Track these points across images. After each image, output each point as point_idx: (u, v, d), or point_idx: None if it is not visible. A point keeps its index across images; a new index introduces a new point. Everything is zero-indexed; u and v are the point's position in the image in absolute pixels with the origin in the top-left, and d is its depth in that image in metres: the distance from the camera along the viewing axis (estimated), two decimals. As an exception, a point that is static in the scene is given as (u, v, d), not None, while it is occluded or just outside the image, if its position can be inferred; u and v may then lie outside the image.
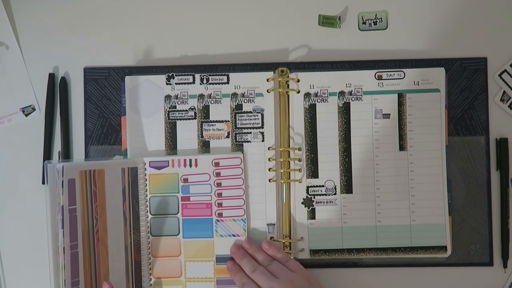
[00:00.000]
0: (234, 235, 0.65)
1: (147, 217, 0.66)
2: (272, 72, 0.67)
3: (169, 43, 0.69)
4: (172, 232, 0.66)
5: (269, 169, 0.66)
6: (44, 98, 0.69)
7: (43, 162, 0.65)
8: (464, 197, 0.66)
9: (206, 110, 0.68)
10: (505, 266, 0.66)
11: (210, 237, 0.65)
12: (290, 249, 0.66)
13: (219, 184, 0.65)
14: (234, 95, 0.67)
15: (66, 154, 0.68)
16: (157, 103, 0.68)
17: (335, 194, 0.66)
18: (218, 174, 0.65)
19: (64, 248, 0.57)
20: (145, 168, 0.66)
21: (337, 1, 0.68)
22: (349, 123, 0.67)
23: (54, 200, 0.58)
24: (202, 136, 0.67)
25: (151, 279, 0.66)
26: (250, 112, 0.67)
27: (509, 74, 0.67)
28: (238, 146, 0.67)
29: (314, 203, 0.66)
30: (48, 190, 0.58)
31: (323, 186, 0.66)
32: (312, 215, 0.66)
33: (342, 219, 0.66)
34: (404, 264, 0.66)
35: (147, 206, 0.66)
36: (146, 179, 0.66)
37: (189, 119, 0.67)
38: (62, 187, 0.58)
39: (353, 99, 0.67)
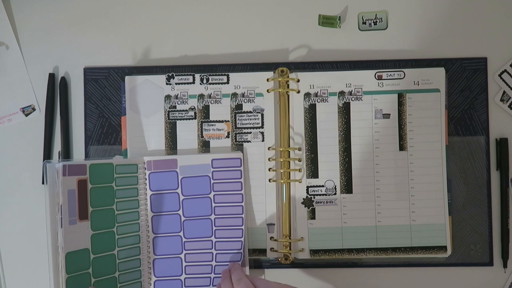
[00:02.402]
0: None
1: (147, 216, 0.66)
2: (272, 72, 0.67)
3: (169, 43, 0.69)
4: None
5: (269, 169, 0.66)
6: (44, 98, 0.69)
7: (43, 162, 0.65)
8: (464, 197, 0.66)
9: (206, 110, 0.68)
10: (505, 266, 0.66)
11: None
12: (290, 249, 0.66)
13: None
14: (234, 95, 0.67)
15: (66, 154, 0.68)
16: (157, 103, 0.68)
17: (335, 194, 0.66)
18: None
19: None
20: (145, 168, 0.66)
21: (337, 1, 0.68)
22: (349, 123, 0.67)
23: (54, 200, 0.58)
24: (202, 136, 0.67)
25: (150, 278, 0.66)
26: (250, 112, 0.67)
27: (509, 74, 0.67)
28: (238, 146, 0.67)
29: (314, 203, 0.66)
30: (48, 190, 0.58)
31: (323, 186, 0.66)
32: (312, 215, 0.66)
33: (342, 219, 0.66)
34: (404, 264, 0.66)
35: (146, 206, 0.66)
36: (146, 178, 0.66)
37: (189, 119, 0.68)
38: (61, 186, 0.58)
39: (353, 99, 0.67)
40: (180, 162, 0.66)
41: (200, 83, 0.68)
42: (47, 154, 0.68)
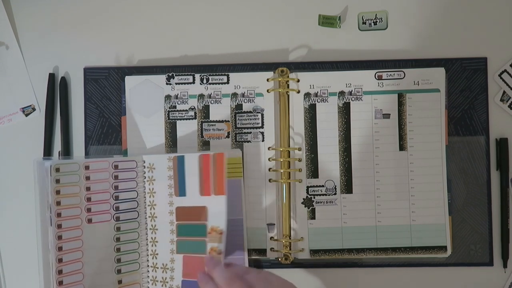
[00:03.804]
0: None
1: (146, 214, 0.66)
2: (272, 72, 0.67)
3: (169, 43, 0.69)
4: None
5: (269, 169, 0.66)
6: (44, 98, 0.69)
7: (32, 160, 0.65)
8: (464, 197, 0.66)
9: (206, 110, 0.68)
10: (505, 266, 0.66)
11: None
12: (290, 249, 0.66)
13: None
14: (234, 95, 0.67)
15: (66, 154, 0.68)
16: (157, 103, 0.68)
17: (335, 194, 0.66)
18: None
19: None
20: (144, 166, 0.66)
21: (337, 1, 0.68)
22: (349, 123, 0.67)
23: (43, 198, 0.58)
24: (202, 136, 0.67)
25: (149, 271, 0.66)
26: (250, 112, 0.67)
27: (509, 74, 0.67)
28: (238, 146, 0.67)
29: (314, 203, 0.66)
30: (37, 187, 0.58)
31: (323, 186, 0.66)
32: (312, 215, 0.66)
33: (342, 219, 0.66)
34: (404, 264, 0.66)
35: (145, 204, 0.66)
36: (145, 177, 0.66)
37: (189, 119, 0.68)
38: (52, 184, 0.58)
39: (353, 99, 0.67)
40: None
41: (200, 83, 0.68)
42: (47, 154, 0.68)
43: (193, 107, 0.68)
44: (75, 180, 0.61)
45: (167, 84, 0.68)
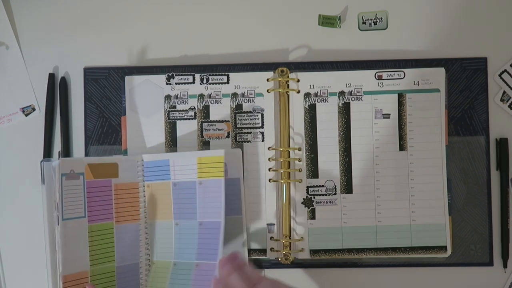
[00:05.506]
0: None
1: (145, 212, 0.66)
2: (272, 72, 0.67)
3: (169, 43, 0.69)
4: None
5: (269, 169, 0.66)
6: (44, 98, 0.69)
7: (40, 161, 0.65)
8: (464, 197, 0.66)
9: (206, 110, 0.68)
10: (505, 266, 0.66)
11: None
12: (290, 249, 0.66)
13: None
14: (234, 95, 0.67)
15: (66, 154, 0.68)
16: (157, 103, 0.68)
17: (335, 194, 0.66)
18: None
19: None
20: (143, 165, 0.66)
21: (337, 1, 0.68)
22: (349, 123, 0.67)
23: (51, 198, 0.58)
24: (202, 136, 0.67)
25: (149, 265, 0.66)
26: (250, 112, 0.67)
27: (509, 74, 0.67)
28: (238, 146, 0.67)
29: (314, 203, 0.66)
30: (45, 187, 0.58)
31: (323, 186, 0.66)
32: (312, 215, 0.66)
33: (342, 219, 0.66)
34: (404, 264, 0.66)
35: (145, 202, 0.66)
36: (144, 176, 0.66)
37: (189, 119, 0.68)
38: (61, 183, 0.58)
39: (353, 99, 0.67)
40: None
41: (200, 83, 0.68)
42: (47, 154, 0.68)
43: (193, 107, 0.68)
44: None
45: (167, 84, 0.68)
